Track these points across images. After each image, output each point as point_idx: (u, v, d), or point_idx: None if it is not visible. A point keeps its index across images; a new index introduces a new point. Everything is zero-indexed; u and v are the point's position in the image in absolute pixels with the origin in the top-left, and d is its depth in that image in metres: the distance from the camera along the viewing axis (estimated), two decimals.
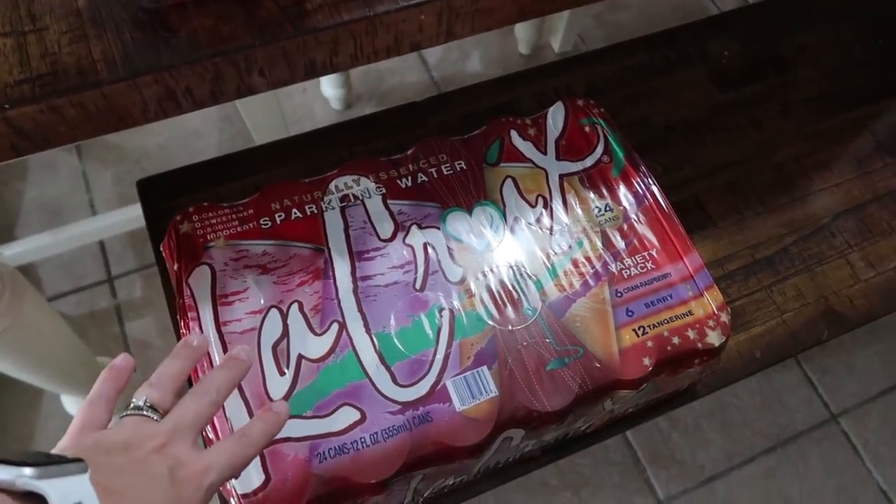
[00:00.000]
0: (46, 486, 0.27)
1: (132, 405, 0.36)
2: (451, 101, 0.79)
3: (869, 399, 1.17)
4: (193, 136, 1.28)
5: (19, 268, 0.84)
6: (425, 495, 0.56)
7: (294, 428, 0.48)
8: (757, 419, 1.14)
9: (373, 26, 0.42)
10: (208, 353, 0.51)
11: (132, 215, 1.07)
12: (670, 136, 0.79)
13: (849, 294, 0.72)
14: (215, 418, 0.48)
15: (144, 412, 0.36)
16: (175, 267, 0.54)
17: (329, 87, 1.29)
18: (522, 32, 1.40)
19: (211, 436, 0.49)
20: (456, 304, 0.54)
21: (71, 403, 0.92)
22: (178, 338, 0.58)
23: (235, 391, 0.49)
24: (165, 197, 0.69)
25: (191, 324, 0.52)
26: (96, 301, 1.12)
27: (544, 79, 0.81)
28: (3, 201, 1.18)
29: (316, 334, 0.52)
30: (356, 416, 0.49)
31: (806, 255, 0.74)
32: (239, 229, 0.56)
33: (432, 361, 0.52)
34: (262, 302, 0.53)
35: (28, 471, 0.27)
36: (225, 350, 0.51)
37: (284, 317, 0.52)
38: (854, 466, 1.12)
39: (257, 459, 0.47)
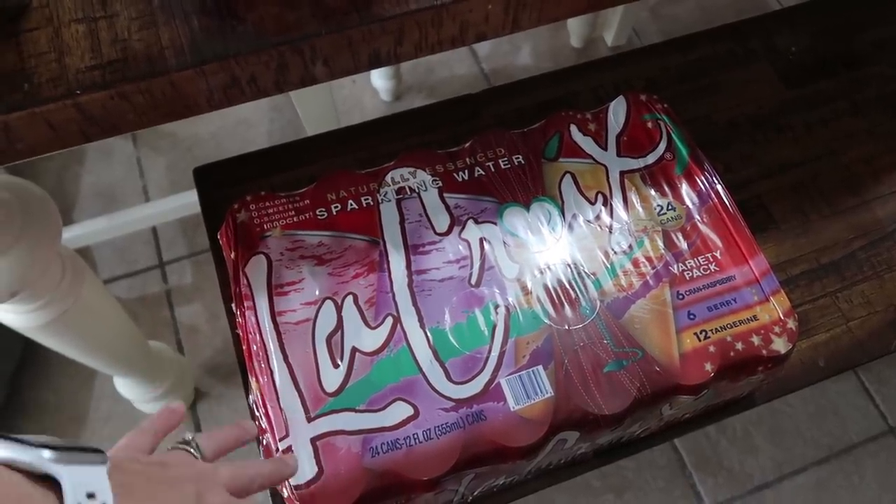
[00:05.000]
0: (62, 471, 0.27)
1: (181, 439, 0.37)
2: (507, 93, 0.77)
3: None
4: (244, 124, 1.29)
5: (76, 251, 0.86)
6: (474, 494, 0.55)
7: (347, 421, 0.48)
8: (809, 428, 1.10)
9: (439, 16, 0.41)
10: (262, 341, 0.51)
11: (185, 202, 1.09)
12: (733, 134, 0.77)
13: None
14: (270, 407, 0.48)
15: (190, 448, 0.36)
16: (232, 255, 0.54)
17: (379, 77, 1.29)
18: (575, 25, 1.37)
19: (262, 418, 0.49)
20: (512, 301, 0.53)
21: (123, 385, 0.94)
22: (231, 325, 0.58)
23: (290, 383, 0.49)
24: (220, 185, 0.69)
25: (247, 313, 0.52)
26: (148, 286, 1.14)
27: (602, 72, 0.79)
28: (63, 185, 1.21)
29: (370, 327, 0.51)
30: (409, 411, 0.48)
31: (874, 260, 0.71)
32: (295, 219, 0.55)
33: (487, 359, 0.51)
34: (318, 293, 0.52)
35: (47, 453, 0.27)
36: (280, 340, 0.51)
37: (339, 309, 0.52)
38: None
39: (311, 451, 0.47)
